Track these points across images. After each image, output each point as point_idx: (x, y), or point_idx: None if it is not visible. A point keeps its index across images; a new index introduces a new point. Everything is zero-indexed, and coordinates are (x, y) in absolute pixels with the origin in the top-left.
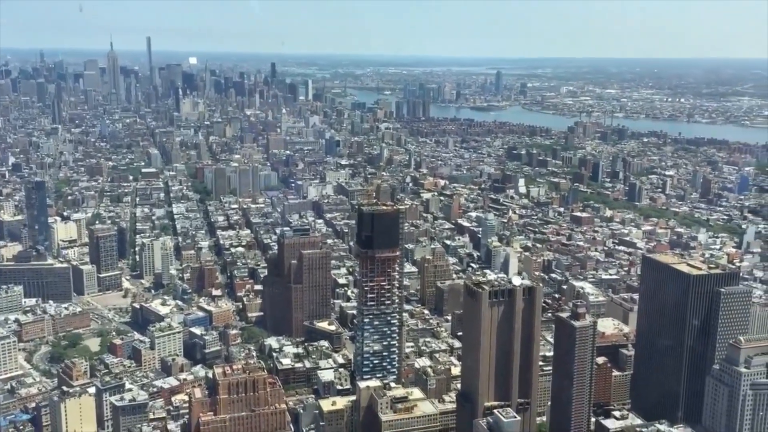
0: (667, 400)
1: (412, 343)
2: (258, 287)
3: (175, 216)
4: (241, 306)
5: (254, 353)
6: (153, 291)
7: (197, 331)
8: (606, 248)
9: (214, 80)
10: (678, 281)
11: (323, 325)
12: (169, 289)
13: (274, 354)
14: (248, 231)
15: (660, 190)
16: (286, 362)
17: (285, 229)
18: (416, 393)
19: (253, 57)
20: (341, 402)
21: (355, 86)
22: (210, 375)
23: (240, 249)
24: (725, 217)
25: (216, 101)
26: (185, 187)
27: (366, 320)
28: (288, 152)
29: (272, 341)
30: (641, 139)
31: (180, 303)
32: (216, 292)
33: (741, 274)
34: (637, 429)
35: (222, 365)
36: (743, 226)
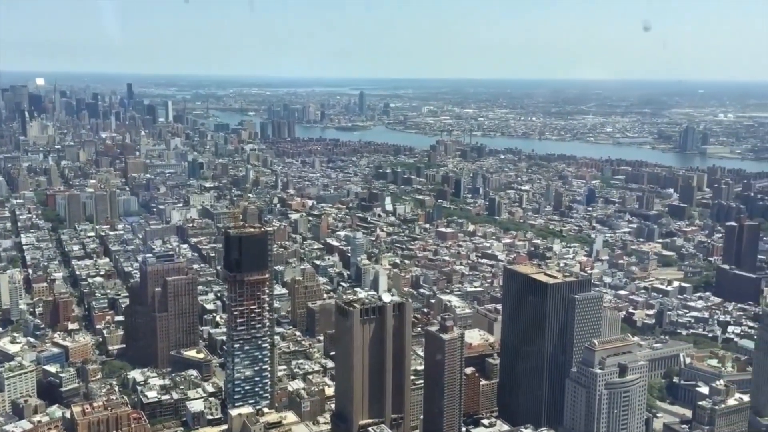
0: (532, 405)
1: (284, 366)
2: (119, 318)
3: (24, 247)
4: (101, 339)
5: (117, 388)
6: (1, 328)
7: (52, 368)
8: (470, 262)
9: (64, 102)
10: (536, 290)
11: (191, 353)
12: (18, 325)
13: (139, 387)
14: (107, 259)
15: (517, 204)
16: (152, 395)
17: (147, 255)
18: (290, 417)
19: (107, 77)
20: None
21: (218, 107)
22: (68, 415)
23: (98, 279)
24: (576, 227)
25: (67, 124)
26: (35, 216)
27: (236, 346)
28: (148, 176)
29: (136, 374)
30: (498, 156)
31: (32, 340)
32: (72, 326)
33: (592, 281)
34: None
35: (81, 403)
36: (592, 236)
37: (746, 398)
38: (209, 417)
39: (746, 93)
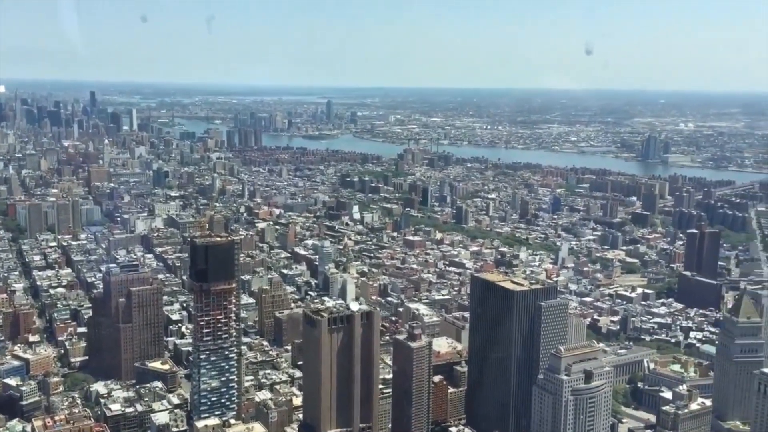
0: (499, 412)
1: (251, 377)
2: (82, 330)
3: None
4: (63, 351)
5: (79, 401)
6: None
7: (12, 382)
8: (438, 270)
9: (26, 110)
10: (503, 298)
11: (156, 364)
12: None
13: (102, 400)
14: (69, 270)
15: (484, 212)
16: (116, 408)
17: (111, 265)
18: (257, 428)
19: (69, 85)
20: None
21: (184, 115)
22: (29, 429)
23: (60, 290)
24: (542, 235)
25: (29, 132)
26: None
27: (202, 356)
28: (112, 185)
29: (99, 386)
30: (465, 165)
31: None
32: (33, 338)
33: (558, 288)
34: None
35: (42, 417)
36: (558, 244)
37: (708, 402)
38: (174, 429)
39: (706, 103)
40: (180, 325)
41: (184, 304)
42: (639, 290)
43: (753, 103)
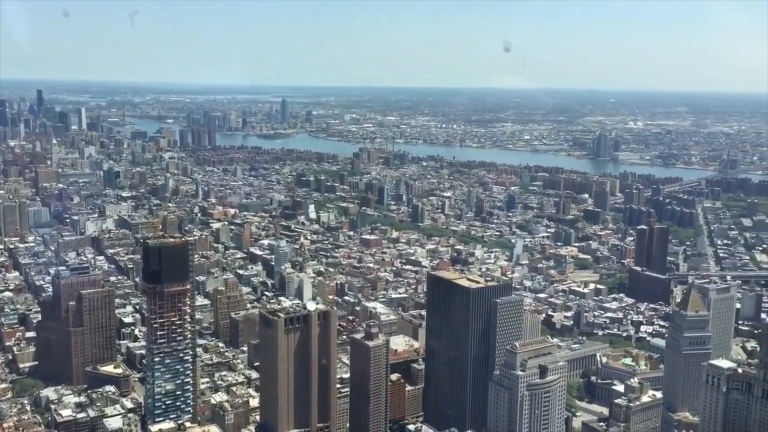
0: (456, 409)
1: (207, 379)
2: (30, 334)
3: None
4: (10, 357)
5: (28, 407)
6: None
7: None
8: (394, 268)
9: None
10: (460, 295)
11: (108, 368)
12: None
13: (52, 406)
14: (16, 273)
15: (440, 210)
16: (67, 413)
17: (60, 268)
18: (214, 430)
19: (15, 83)
20: None
21: (135, 114)
22: None
23: (7, 293)
24: (497, 233)
25: None
26: None
27: (156, 359)
28: (61, 185)
29: (49, 392)
30: (421, 163)
31: None
32: None
33: (513, 285)
34: None
35: None
36: (512, 241)
37: (659, 395)
38: None
39: (654, 102)
40: (133, 327)
41: (137, 307)
42: (591, 286)
43: (699, 101)
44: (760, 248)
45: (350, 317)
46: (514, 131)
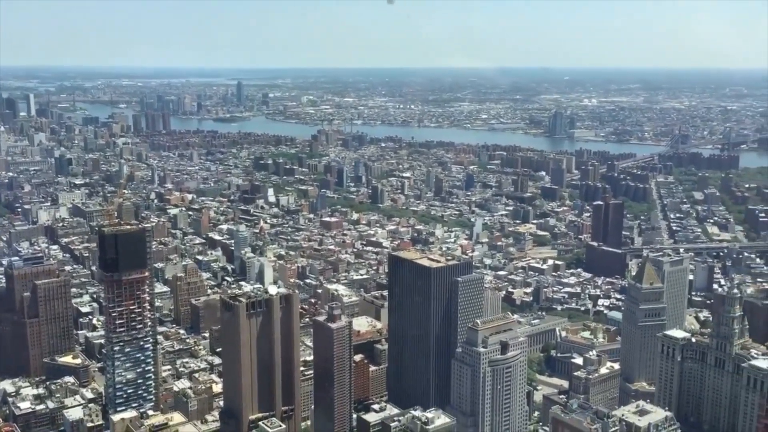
0: (420, 387)
1: (169, 366)
2: None
3: None
4: None
5: None
6: None
7: None
8: (355, 250)
9: None
10: (421, 275)
11: (67, 359)
12: None
13: (10, 399)
14: None
15: (399, 191)
16: (25, 406)
17: (13, 258)
18: (177, 417)
19: None
20: None
21: (86, 100)
22: None
23: None
24: (457, 212)
25: None
26: None
27: (116, 348)
28: (11, 174)
29: (6, 385)
30: (379, 144)
31: None
32: None
33: (473, 263)
34: (395, 419)
35: None
36: (472, 220)
37: (616, 366)
38: (89, 424)
39: (608, 79)
40: (91, 317)
41: (95, 296)
42: (550, 262)
43: (651, 78)
44: (711, 221)
45: (312, 300)
46: (471, 110)
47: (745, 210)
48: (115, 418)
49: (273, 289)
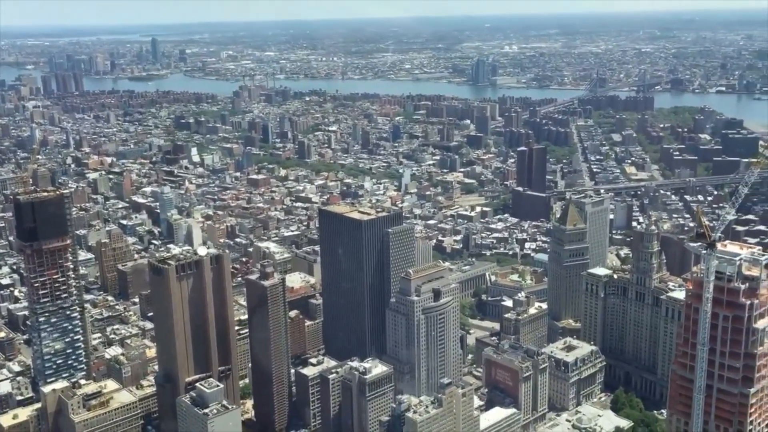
0: (356, 339)
1: (99, 334)
2: None
3: None
4: None
5: None
6: None
7: None
8: (285, 206)
9: None
10: (352, 228)
11: None
12: None
13: None
14: None
15: (326, 145)
16: None
17: None
18: (111, 385)
19: None
20: (24, 413)
21: None
22: None
23: None
24: (385, 164)
25: None
26: None
27: (41, 319)
28: None
29: None
30: (304, 99)
31: None
32: None
33: (403, 214)
34: (333, 371)
35: None
36: (400, 171)
37: (544, 306)
38: (19, 398)
39: (527, 26)
40: (12, 289)
41: (15, 267)
42: (478, 209)
43: (568, 23)
44: (629, 161)
45: (244, 259)
46: (394, 61)
47: (660, 149)
48: (46, 389)
49: (202, 250)
